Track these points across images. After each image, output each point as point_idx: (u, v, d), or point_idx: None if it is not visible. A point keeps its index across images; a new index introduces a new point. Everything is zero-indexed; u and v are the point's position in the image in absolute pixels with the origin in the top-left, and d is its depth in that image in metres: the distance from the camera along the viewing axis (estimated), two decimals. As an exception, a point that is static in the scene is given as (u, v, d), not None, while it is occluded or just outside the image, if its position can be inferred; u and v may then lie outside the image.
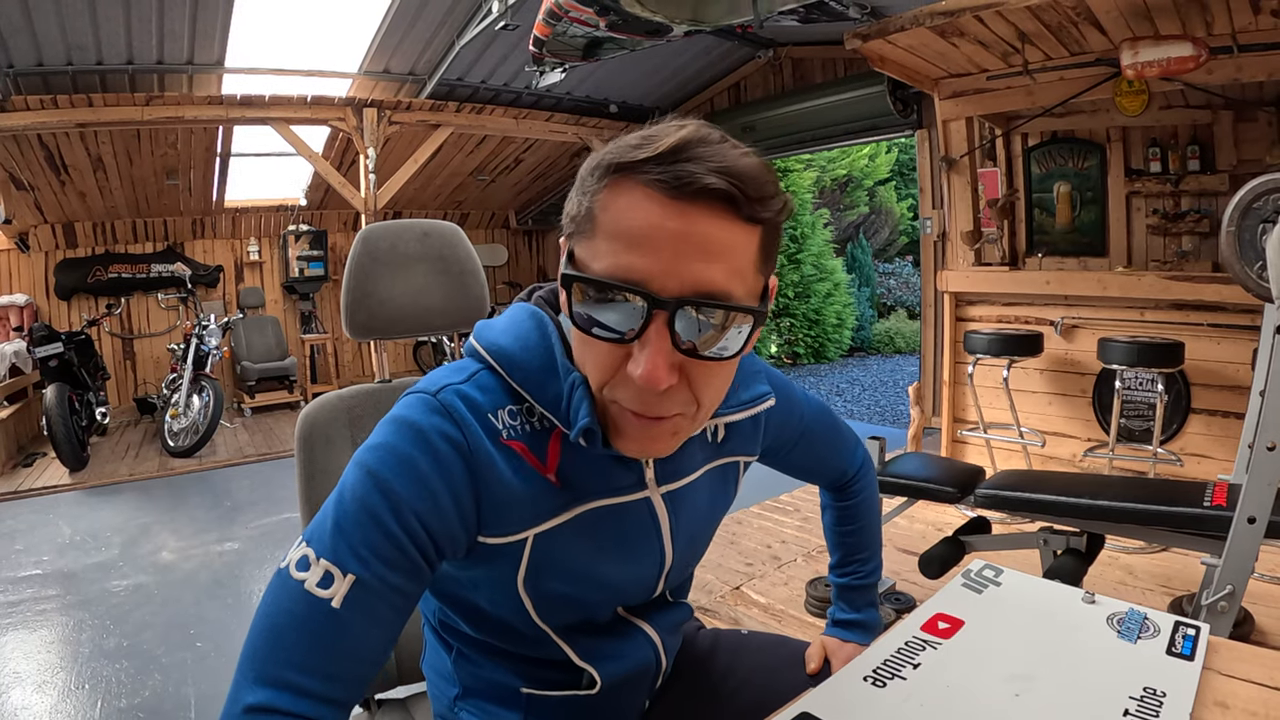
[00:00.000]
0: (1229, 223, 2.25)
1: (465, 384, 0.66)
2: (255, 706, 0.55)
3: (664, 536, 0.75)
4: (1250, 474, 1.62)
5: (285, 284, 7.09)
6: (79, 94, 4.48)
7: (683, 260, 0.55)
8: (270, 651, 0.57)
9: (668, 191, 0.55)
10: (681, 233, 0.55)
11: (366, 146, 5.28)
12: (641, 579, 0.77)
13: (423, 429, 0.62)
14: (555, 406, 0.65)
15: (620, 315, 0.57)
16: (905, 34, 3.15)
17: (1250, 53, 2.73)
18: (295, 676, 0.56)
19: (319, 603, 0.57)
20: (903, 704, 0.70)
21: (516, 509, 0.65)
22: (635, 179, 0.56)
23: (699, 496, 0.77)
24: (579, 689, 0.77)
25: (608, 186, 0.58)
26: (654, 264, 0.55)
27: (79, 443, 4.69)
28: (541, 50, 3.84)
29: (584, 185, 0.61)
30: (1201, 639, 0.79)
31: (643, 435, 0.62)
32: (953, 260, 3.96)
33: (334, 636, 0.57)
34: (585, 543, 0.69)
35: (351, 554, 0.58)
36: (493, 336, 0.69)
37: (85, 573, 3.18)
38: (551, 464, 0.66)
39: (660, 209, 0.55)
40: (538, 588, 0.69)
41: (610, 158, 0.58)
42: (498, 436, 0.65)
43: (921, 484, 2.17)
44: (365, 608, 0.58)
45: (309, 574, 0.58)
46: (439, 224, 1.13)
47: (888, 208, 10.73)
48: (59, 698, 2.22)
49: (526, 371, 0.66)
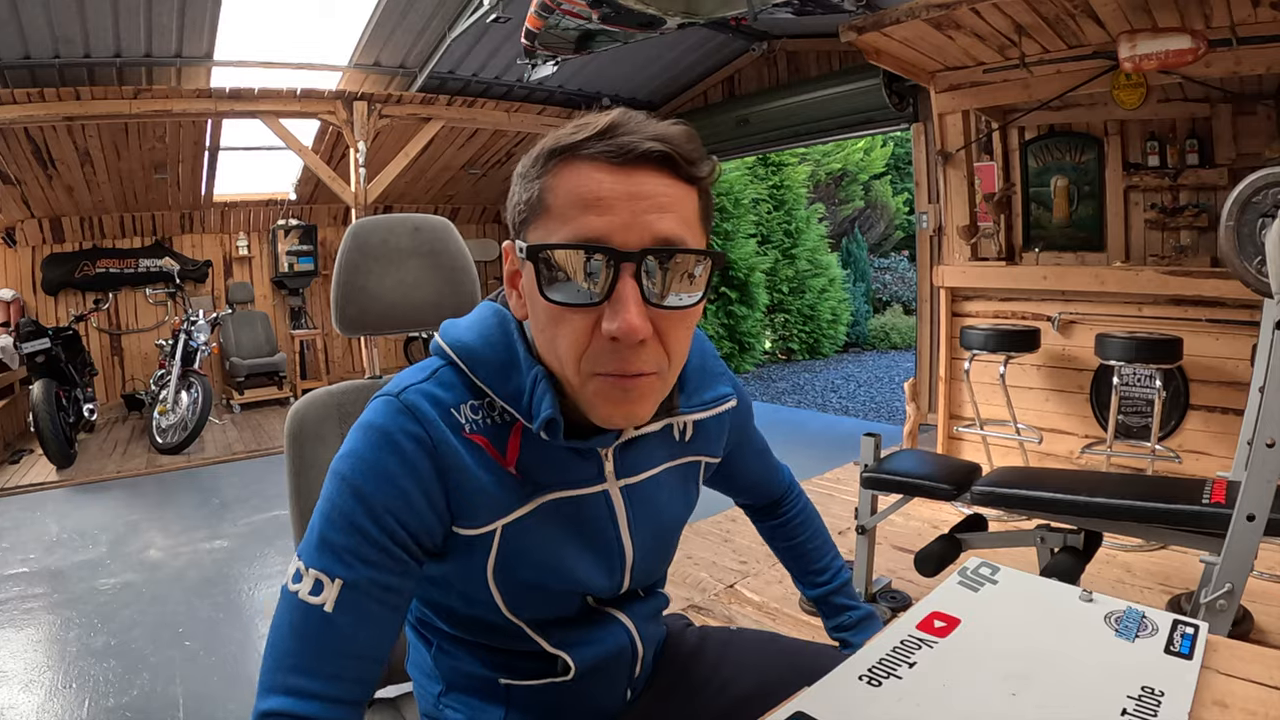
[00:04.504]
0: (1228, 217, 2.23)
1: (427, 382, 0.69)
2: (266, 712, 0.60)
3: (622, 530, 0.76)
4: (1249, 471, 1.61)
5: (275, 279, 7.05)
6: (66, 87, 4.45)
7: (638, 216, 0.60)
8: (276, 661, 0.62)
9: (613, 159, 0.60)
10: (632, 193, 0.60)
11: (357, 140, 5.26)
12: (603, 573, 0.77)
13: (388, 431, 0.65)
14: (516, 400, 0.68)
15: (588, 279, 0.60)
16: (901, 26, 3.13)
17: (1249, 45, 2.72)
18: (299, 680, 0.60)
19: (313, 610, 0.62)
20: (898, 703, 0.70)
21: (483, 500, 0.68)
22: (578, 157, 0.61)
23: (659, 493, 0.79)
24: (555, 676, 0.78)
25: (553, 170, 0.62)
26: (612, 222, 0.59)
27: (66, 439, 4.66)
28: (533, 43, 3.82)
29: (527, 176, 0.64)
30: (1200, 638, 0.79)
31: (623, 398, 0.64)
32: (949, 255, 3.95)
33: (330, 639, 0.61)
34: (548, 533, 0.71)
35: (337, 560, 0.63)
36: (457, 333, 0.72)
37: (73, 571, 3.16)
38: (511, 457, 0.69)
39: (610, 175, 0.60)
40: (506, 579, 0.71)
41: (549, 144, 0.63)
42: (460, 431, 0.68)
43: (917, 481, 2.16)
44: (356, 608, 0.62)
45: (302, 585, 0.63)
46: (430, 218, 1.13)
47: (883, 202, 10.72)
48: (46, 696, 2.20)
49: (489, 366, 0.69)
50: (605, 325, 0.60)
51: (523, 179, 0.65)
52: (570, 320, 0.62)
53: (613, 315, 0.59)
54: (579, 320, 0.61)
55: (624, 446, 0.75)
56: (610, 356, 0.61)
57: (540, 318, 0.64)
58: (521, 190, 0.65)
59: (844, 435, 5.07)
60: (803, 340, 8.78)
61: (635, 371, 0.62)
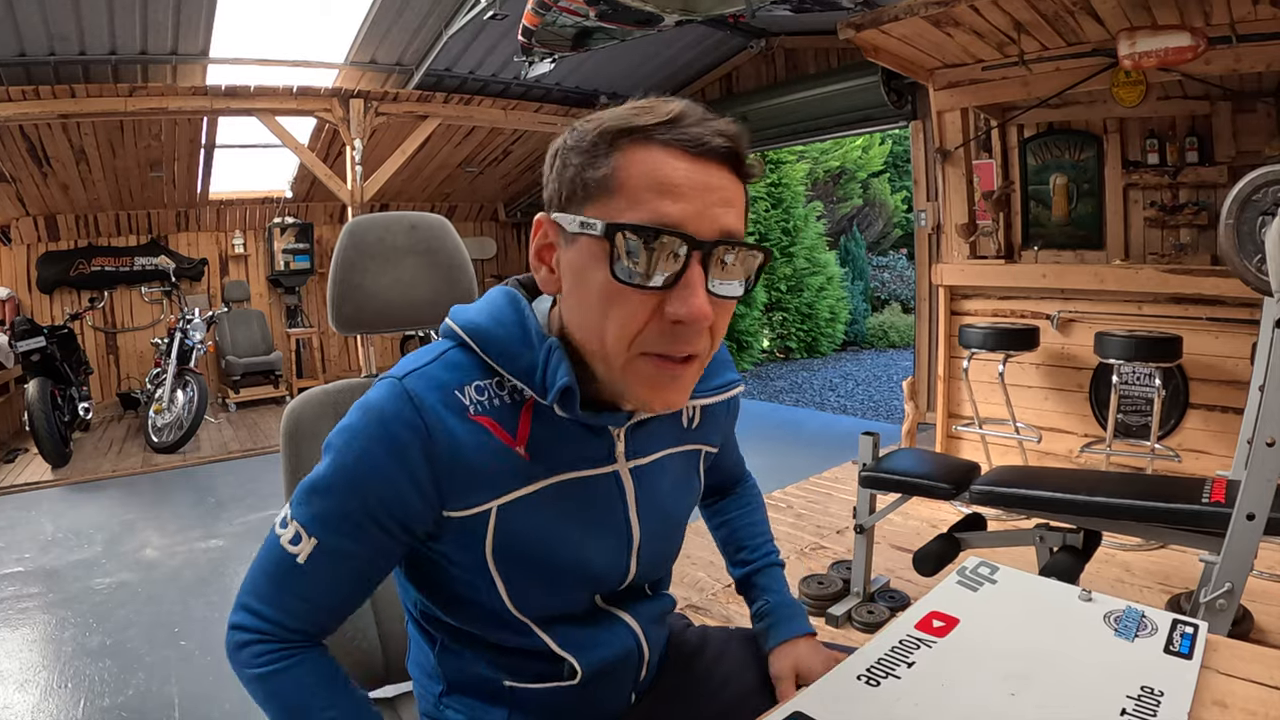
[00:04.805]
0: (1227, 215, 2.23)
1: (432, 365, 0.70)
2: (233, 624, 0.72)
3: (630, 510, 0.77)
4: (1249, 470, 1.60)
5: (270, 277, 7.02)
6: (61, 84, 4.44)
7: (710, 207, 0.62)
8: (250, 586, 0.72)
9: (688, 149, 0.61)
10: (705, 184, 0.62)
11: (353, 138, 5.24)
12: (610, 555, 0.77)
13: (384, 416, 0.67)
14: (528, 376, 0.68)
15: (663, 262, 0.61)
16: (899, 24, 3.13)
17: (1249, 43, 2.72)
18: (262, 607, 0.70)
19: (287, 556, 0.69)
20: (897, 703, 0.70)
21: (480, 482, 0.68)
22: (653, 141, 0.62)
23: (664, 477, 0.80)
24: (561, 680, 0.78)
25: (623, 150, 0.62)
26: (688, 210, 0.61)
27: (61, 438, 4.65)
28: (530, 40, 3.81)
29: (589, 152, 0.63)
30: (1200, 637, 0.79)
31: (669, 384, 0.66)
32: (948, 253, 3.95)
33: (295, 585, 0.69)
34: (550, 514, 0.71)
35: (316, 521, 0.68)
36: (467, 315, 0.73)
37: (68, 570, 3.15)
38: (521, 436, 0.70)
39: (685, 164, 0.61)
40: (507, 563, 0.71)
41: (617, 123, 0.63)
42: (464, 413, 0.68)
43: (916, 480, 2.15)
44: (325, 568, 0.68)
45: (285, 531, 0.69)
46: (427, 216, 1.12)
47: (882, 200, 10.71)
48: (41, 696, 2.20)
49: (501, 344, 0.69)
50: (671, 308, 0.61)
51: (580, 153, 0.64)
52: (631, 300, 0.62)
53: (682, 300, 0.61)
54: (641, 301, 0.62)
55: (635, 428, 0.75)
56: (667, 338, 0.63)
57: (591, 294, 0.64)
58: (579, 165, 0.64)
59: (842, 434, 5.06)
60: (801, 339, 8.77)
61: (687, 353, 0.64)
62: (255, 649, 0.70)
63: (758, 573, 0.99)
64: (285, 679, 0.70)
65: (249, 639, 0.70)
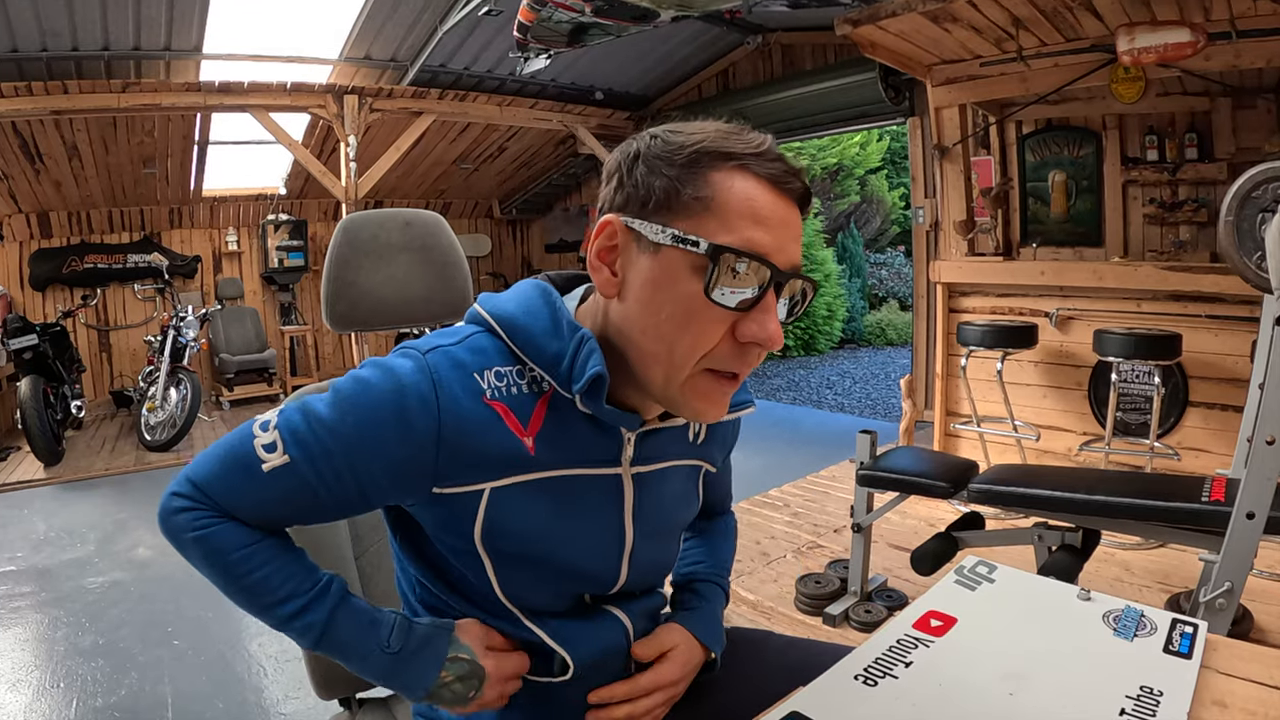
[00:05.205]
0: (1227, 212, 2.22)
1: (456, 346, 0.71)
2: (172, 492, 0.72)
3: (625, 514, 0.77)
4: (1249, 468, 1.60)
5: (264, 274, 7.00)
6: (54, 80, 4.41)
7: (788, 241, 0.67)
8: (207, 466, 0.71)
9: (777, 184, 0.66)
10: (786, 219, 0.67)
11: (347, 134, 5.22)
12: (600, 557, 0.78)
13: (400, 384, 0.68)
14: (554, 365, 0.70)
15: (749, 287, 0.65)
16: (897, 19, 3.12)
17: (1249, 39, 2.71)
18: (206, 485, 0.70)
19: (255, 460, 0.69)
20: (894, 703, 0.70)
21: (479, 464, 0.69)
22: (749, 170, 0.65)
23: (665, 486, 0.81)
24: (553, 675, 0.78)
25: (720, 171, 0.65)
26: (774, 241, 0.65)
27: (54, 436, 4.63)
28: (526, 36, 3.80)
29: (685, 165, 0.66)
30: (1199, 637, 0.79)
31: (722, 398, 0.70)
32: (945, 250, 3.94)
33: (249, 485, 0.69)
34: (544, 506, 0.72)
35: (296, 442, 0.68)
36: (497, 302, 0.75)
37: (60, 569, 3.14)
38: (533, 428, 0.71)
39: (774, 198, 0.66)
40: (494, 546, 0.72)
41: (715, 145, 0.66)
42: (480, 396, 0.69)
43: (913, 479, 2.15)
44: (284, 488, 0.69)
45: (265, 434, 0.69)
46: (421, 213, 1.12)
47: (879, 197, 10.71)
48: (33, 696, 2.19)
49: (529, 332, 0.71)
50: (748, 330, 0.66)
51: (673, 165, 0.66)
52: (713, 318, 0.66)
53: (760, 324, 0.66)
54: (721, 320, 0.66)
55: (645, 435, 0.76)
56: (735, 357, 0.68)
57: (670, 305, 0.66)
58: (673, 177, 0.66)
59: (840, 432, 5.06)
60: (797, 337, 8.77)
61: (748, 371, 0.70)
62: (193, 514, 0.70)
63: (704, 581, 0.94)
64: (225, 531, 0.70)
65: (186, 505, 0.71)
